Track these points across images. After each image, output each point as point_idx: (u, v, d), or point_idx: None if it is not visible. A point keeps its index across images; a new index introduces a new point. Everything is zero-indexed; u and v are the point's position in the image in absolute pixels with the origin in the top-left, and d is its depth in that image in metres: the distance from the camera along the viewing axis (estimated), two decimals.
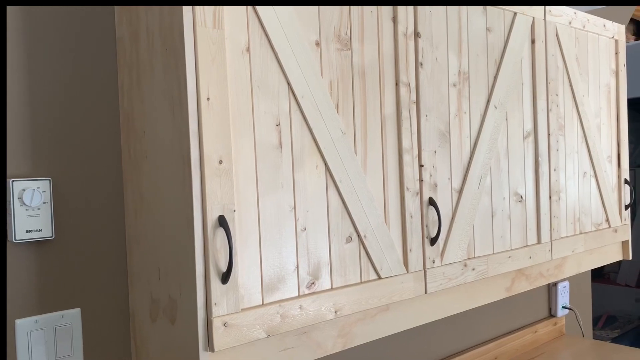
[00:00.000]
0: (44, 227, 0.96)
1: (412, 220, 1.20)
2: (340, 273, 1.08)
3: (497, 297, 1.46)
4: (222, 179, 0.90)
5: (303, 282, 1.02)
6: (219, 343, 0.89)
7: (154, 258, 1.00)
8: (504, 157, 1.43)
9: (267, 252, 0.97)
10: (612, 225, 1.83)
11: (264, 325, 0.95)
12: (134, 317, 1.08)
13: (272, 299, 0.98)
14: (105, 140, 1.07)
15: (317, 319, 1.03)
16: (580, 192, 1.70)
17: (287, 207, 1.00)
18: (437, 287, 1.25)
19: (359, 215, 1.11)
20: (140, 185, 1.03)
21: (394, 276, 1.17)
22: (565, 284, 2.16)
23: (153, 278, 1.00)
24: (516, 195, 1.47)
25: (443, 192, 1.27)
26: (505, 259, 1.42)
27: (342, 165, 1.08)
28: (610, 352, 1.94)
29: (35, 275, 0.98)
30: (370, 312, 1.17)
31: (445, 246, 1.27)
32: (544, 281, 1.61)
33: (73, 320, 1.01)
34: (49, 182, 0.97)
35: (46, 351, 0.98)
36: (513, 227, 1.46)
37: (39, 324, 0.97)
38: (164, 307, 0.97)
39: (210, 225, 0.89)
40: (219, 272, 0.90)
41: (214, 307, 0.89)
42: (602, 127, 1.80)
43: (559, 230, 1.60)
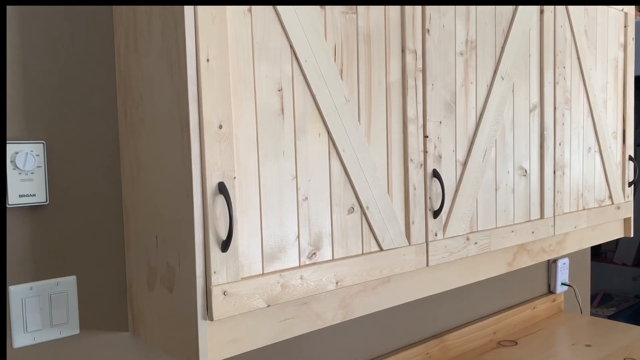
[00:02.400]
0: (38, 192, 0.93)
1: (415, 192, 1.18)
2: (342, 244, 1.06)
3: (499, 271, 1.45)
4: (222, 145, 0.87)
5: (304, 252, 1.00)
6: (218, 312, 0.87)
7: (151, 225, 0.97)
8: (510, 130, 1.40)
9: (267, 221, 0.94)
10: (615, 202, 1.81)
11: (264, 294, 0.93)
12: (131, 286, 1.06)
13: (272, 268, 0.96)
14: (100, 104, 1.03)
15: (318, 290, 1.01)
16: (584, 168, 1.68)
17: (289, 175, 0.97)
18: (438, 260, 1.23)
19: (362, 185, 1.08)
20: (137, 150, 1.00)
21: (395, 248, 1.15)
22: (565, 261, 2.15)
23: (151, 246, 0.98)
24: (520, 169, 1.44)
25: (447, 164, 1.24)
26: (508, 234, 1.40)
27: (346, 133, 1.05)
28: (607, 329, 1.94)
29: (29, 241, 0.96)
30: (371, 283, 1.15)
31: (448, 219, 1.25)
32: (546, 257, 1.60)
33: (68, 288, 0.99)
34: (42, 146, 0.94)
35: (41, 318, 0.96)
36: (516, 202, 1.43)
37: (34, 291, 0.95)
38: (161, 276, 0.95)
39: (210, 192, 0.86)
40: (218, 240, 0.87)
41: (213, 276, 0.87)
42: (608, 102, 1.77)
43: (562, 206, 1.58)
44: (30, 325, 0.95)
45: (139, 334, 1.04)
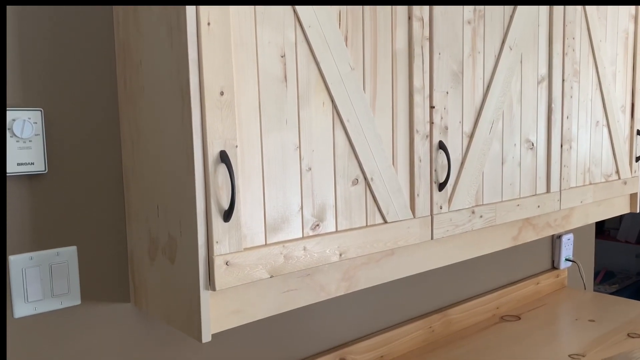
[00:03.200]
0: (36, 161, 0.91)
1: (420, 164, 1.16)
2: (346, 216, 1.04)
3: (504, 245, 1.44)
4: (223, 112, 0.85)
5: (307, 224, 0.99)
6: (221, 282, 0.86)
7: (152, 195, 0.96)
8: (517, 102, 1.38)
9: (270, 191, 0.93)
10: (621, 177, 1.79)
11: (267, 265, 0.92)
12: (132, 256, 1.05)
13: (275, 239, 0.94)
14: (99, 70, 1.01)
15: (321, 261, 1.00)
16: (591, 142, 1.65)
17: (292, 145, 0.95)
18: (443, 234, 1.22)
19: (366, 157, 1.06)
20: (137, 118, 0.98)
21: (400, 221, 1.13)
22: (570, 237, 2.14)
23: (152, 216, 0.96)
24: (527, 142, 1.42)
25: (453, 136, 1.22)
26: (514, 207, 1.38)
27: (350, 103, 1.02)
28: (611, 305, 1.93)
29: (28, 210, 0.94)
30: (375, 256, 1.14)
31: (453, 192, 1.23)
32: (551, 231, 1.59)
33: (69, 258, 0.98)
34: (40, 113, 0.92)
35: (42, 288, 0.95)
36: (523, 175, 1.41)
37: (34, 260, 0.94)
38: (163, 246, 0.94)
39: (211, 161, 0.84)
40: (220, 210, 0.86)
41: (215, 246, 0.85)
42: (617, 75, 1.73)
43: (568, 180, 1.56)
44: (31, 296, 0.94)
45: (141, 304, 1.04)
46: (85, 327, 1.03)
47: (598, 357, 1.51)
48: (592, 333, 1.69)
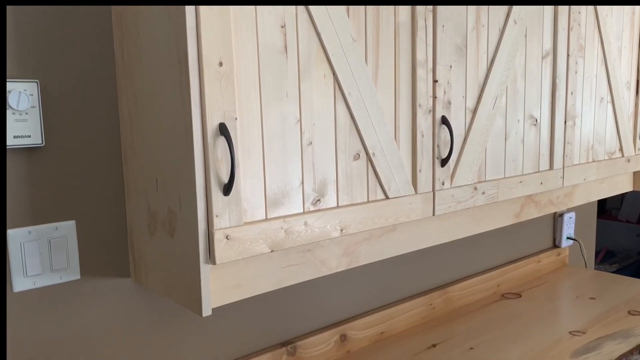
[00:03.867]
0: (33, 133, 0.90)
1: (423, 139, 1.14)
2: (347, 191, 1.03)
3: (506, 222, 1.43)
4: (222, 83, 0.83)
5: (308, 199, 0.97)
6: (221, 256, 0.85)
7: (151, 169, 0.94)
8: (521, 77, 1.36)
9: (270, 165, 0.91)
10: (625, 155, 1.77)
11: (268, 240, 0.91)
12: (132, 231, 1.04)
13: (276, 214, 0.93)
14: (96, 41, 0.99)
15: (322, 237, 0.99)
16: (595, 119, 1.63)
17: (293, 118, 0.94)
18: (445, 210, 1.21)
19: (368, 131, 1.04)
20: (135, 91, 0.96)
21: (401, 197, 1.12)
22: (572, 215, 2.13)
23: (151, 190, 0.95)
24: (531, 118, 1.40)
25: (456, 111, 1.20)
26: (516, 184, 1.37)
27: (352, 76, 1.00)
28: (611, 283, 1.93)
29: (25, 184, 0.93)
30: (376, 232, 1.13)
31: (456, 168, 1.22)
32: (553, 209, 1.58)
33: (68, 233, 0.97)
34: (36, 85, 0.90)
35: (41, 263, 0.94)
36: (526, 152, 1.40)
37: (32, 235, 0.93)
38: (162, 220, 0.93)
39: (211, 133, 0.83)
40: (220, 184, 0.85)
41: (215, 219, 0.84)
42: (623, 50, 1.71)
43: (571, 157, 1.55)
44: (30, 270, 0.93)
45: (141, 279, 1.03)
46: (85, 302, 1.02)
47: (598, 334, 1.52)
48: (592, 310, 1.69)
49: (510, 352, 1.42)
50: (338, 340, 1.43)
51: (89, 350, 1.04)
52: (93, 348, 1.04)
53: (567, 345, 1.45)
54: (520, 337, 1.50)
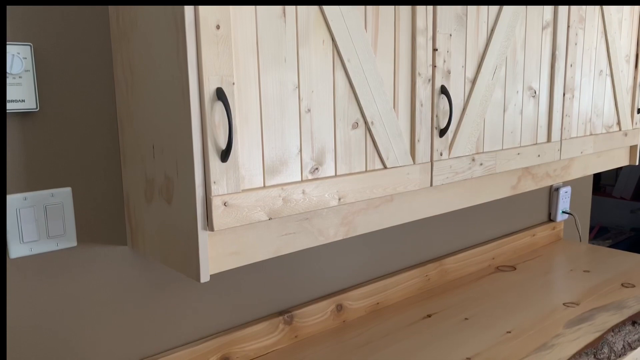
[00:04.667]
0: (27, 98, 0.88)
1: (422, 109, 1.13)
2: (345, 160, 1.03)
3: (503, 194, 1.43)
4: (219, 47, 0.82)
5: (306, 167, 0.97)
6: (219, 222, 0.85)
7: (148, 135, 0.93)
8: (521, 48, 1.34)
9: (268, 132, 0.90)
10: (622, 129, 1.77)
11: (266, 207, 0.91)
12: (128, 198, 1.03)
13: (274, 182, 0.93)
14: (90, 4, 0.97)
15: (320, 205, 0.99)
16: (594, 92, 1.62)
17: (291, 85, 0.92)
18: (443, 181, 1.20)
19: (367, 99, 1.03)
20: (130, 56, 0.94)
21: (400, 167, 1.11)
22: (567, 189, 2.14)
23: (147, 157, 0.94)
24: (530, 89, 1.39)
25: (456, 80, 1.19)
26: (514, 156, 1.37)
27: (351, 42, 0.99)
28: (605, 256, 1.95)
29: (20, 149, 0.92)
30: (374, 202, 1.13)
31: (454, 139, 1.21)
32: (550, 181, 1.58)
33: (64, 200, 0.96)
34: (29, 48, 0.88)
35: (37, 229, 0.94)
36: (524, 124, 1.39)
37: (28, 201, 0.92)
38: (159, 187, 0.92)
39: (208, 99, 0.82)
40: (218, 150, 0.84)
41: (213, 186, 0.84)
42: (623, 22, 1.69)
43: (569, 130, 1.54)
44: (26, 236, 0.93)
45: (138, 247, 1.03)
46: (82, 269, 1.02)
47: (592, 305, 1.53)
48: (586, 283, 1.70)
49: (504, 322, 1.44)
50: (334, 310, 1.44)
51: (86, 317, 1.04)
52: (90, 315, 1.04)
53: (561, 316, 1.47)
54: (515, 309, 1.52)
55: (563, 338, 1.34)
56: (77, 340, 1.04)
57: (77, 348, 1.04)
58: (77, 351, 1.04)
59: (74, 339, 1.03)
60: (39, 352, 0.99)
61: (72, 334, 1.03)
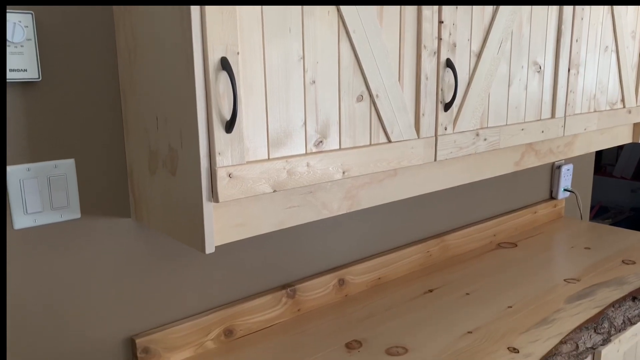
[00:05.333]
0: (30, 67, 0.87)
1: (427, 82, 1.12)
2: (349, 134, 1.02)
3: (506, 170, 1.42)
4: (224, 16, 0.80)
5: (311, 140, 0.96)
6: (224, 194, 0.85)
7: (151, 106, 0.92)
8: (527, 22, 1.32)
9: (273, 103, 0.90)
10: (626, 106, 1.76)
11: (270, 180, 0.90)
12: (132, 170, 1.03)
13: (278, 154, 0.92)
14: None
15: (324, 179, 0.98)
16: (599, 68, 1.61)
17: (296, 55, 0.91)
18: (447, 155, 1.20)
19: (372, 72, 1.02)
20: (133, 26, 0.93)
21: (404, 141, 1.11)
22: (569, 167, 2.14)
23: (151, 128, 0.94)
24: (535, 64, 1.38)
25: (461, 54, 1.18)
26: (518, 132, 1.36)
27: (357, 12, 0.97)
28: (606, 234, 1.95)
29: (23, 119, 0.91)
30: (378, 176, 1.13)
31: (459, 113, 1.21)
32: (553, 158, 1.57)
33: (67, 171, 0.96)
34: (31, 17, 0.87)
35: (41, 201, 0.93)
36: (529, 99, 1.38)
37: (31, 172, 0.92)
38: (163, 158, 0.92)
39: (212, 68, 0.81)
40: (222, 120, 0.83)
41: (217, 157, 0.83)
42: None
43: (573, 106, 1.53)
44: (30, 207, 0.92)
45: (142, 218, 1.03)
46: (86, 241, 1.02)
47: (593, 281, 1.54)
48: (587, 259, 1.71)
49: (505, 297, 1.44)
50: (336, 284, 1.44)
51: (90, 288, 1.04)
52: (93, 286, 1.05)
53: (562, 291, 1.48)
54: (516, 284, 1.53)
55: (564, 313, 1.35)
56: (81, 311, 1.04)
57: (80, 319, 1.04)
58: (80, 323, 1.04)
59: (77, 310, 1.04)
60: (42, 323, 1.00)
61: (76, 305, 1.03)
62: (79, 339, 1.04)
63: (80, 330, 1.04)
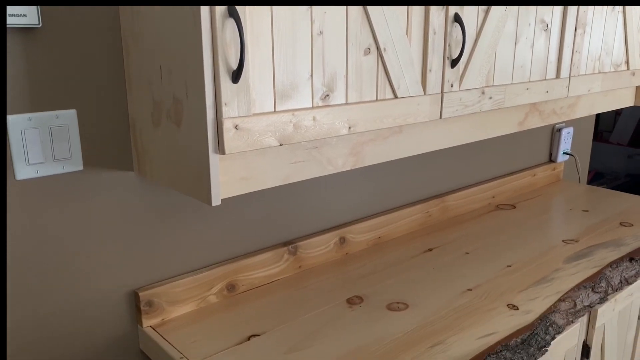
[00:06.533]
0: (29, 13, 0.84)
1: (434, 37, 1.10)
2: (356, 88, 1.00)
3: (510, 130, 1.42)
4: None
5: (317, 93, 0.95)
6: (230, 146, 0.83)
7: (155, 56, 0.90)
8: None
9: (279, 54, 0.88)
10: (630, 68, 1.74)
11: (277, 133, 0.89)
12: (134, 123, 1.01)
13: (284, 107, 0.90)
14: None
15: (331, 133, 0.97)
16: (605, 28, 1.58)
17: (303, 4, 0.89)
18: (452, 113, 1.19)
19: (380, 24, 1.00)
20: None
21: (410, 97, 1.09)
22: (570, 130, 2.13)
23: (155, 78, 0.92)
24: (542, 22, 1.35)
25: (469, 8, 1.15)
26: (523, 91, 1.35)
27: None
28: (604, 197, 1.96)
29: (22, 67, 0.89)
30: (383, 132, 1.11)
31: (465, 70, 1.19)
32: (556, 119, 1.56)
33: (69, 122, 0.94)
34: None
35: (43, 152, 0.92)
36: (534, 58, 1.36)
37: (33, 122, 0.90)
38: (167, 110, 0.90)
39: (219, 15, 0.78)
40: (229, 70, 0.81)
41: (224, 108, 0.82)
42: None
43: (578, 67, 1.51)
44: (32, 158, 0.91)
45: (145, 172, 1.02)
46: (88, 194, 1.01)
47: (591, 242, 1.55)
48: (585, 221, 1.72)
49: (505, 257, 1.46)
50: (337, 242, 1.45)
51: (92, 241, 1.04)
52: (96, 239, 1.04)
53: (561, 252, 1.49)
54: (515, 244, 1.54)
55: (562, 272, 1.37)
56: (83, 265, 1.04)
57: (83, 273, 1.04)
58: (82, 276, 1.04)
59: (79, 263, 1.03)
60: (43, 276, 0.99)
61: (78, 258, 1.03)
62: (81, 293, 1.04)
63: (83, 284, 1.04)
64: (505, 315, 1.17)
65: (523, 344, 1.09)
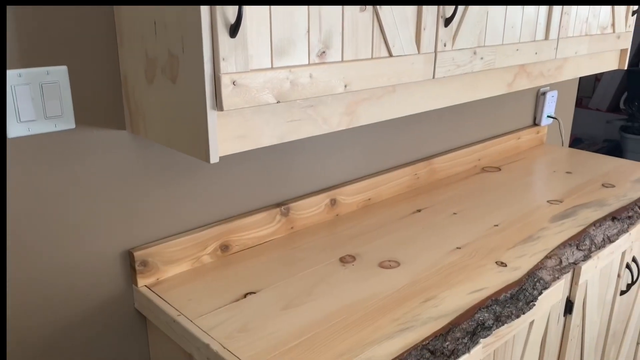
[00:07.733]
0: None
1: None
2: (352, 45, 0.99)
3: (499, 91, 1.42)
4: None
5: (314, 50, 0.94)
6: (228, 102, 0.82)
7: (148, 11, 0.88)
8: None
9: (276, 7, 0.86)
10: (616, 31, 1.76)
11: (274, 90, 0.88)
12: (126, 80, 0.99)
13: (281, 63, 0.89)
14: None
15: (327, 91, 0.97)
16: None
17: None
18: (445, 73, 1.19)
19: None
20: None
21: (405, 55, 1.09)
22: (554, 94, 2.15)
23: (148, 34, 0.89)
24: None
25: None
26: (513, 52, 1.35)
27: None
28: (587, 159, 2.00)
29: (11, 22, 0.86)
30: (377, 92, 1.11)
31: (458, 29, 1.18)
32: (543, 81, 1.58)
33: (60, 79, 0.92)
34: None
35: (34, 109, 0.90)
36: (524, 19, 1.36)
37: (23, 78, 0.88)
38: (162, 65, 0.88)
39: None
40: (226, 24, 0.80)
41: (222, 63, 0.80)
42: None
43: (567, 29, 1.52)
44: (23, 115, 0.89)
45: (139, 130, 1.00)
46: (81, 152, 0.99)
47: (574, 202, 1.59)
48: (569, 182, 1.76)
49: (492, 217, 1.48)
50: (328, 204, 1.46)
51: (85, 200, 1.03)
52: (89, 199, 1.03)
53: (546, 212, 1.52)
54: (501, 205, 1.57)
55: (548, 231, 1.40)
56: (77, 224, 1.03)
57: (77, 233, 1.03)
58: (76, 236, 1.03)
59: (73, 223, 1.02)
60: (37, 236, 0.98)
61: (72, 218, 1.02)
62: (75, 252, 1.04)
63: (77, 244, 1.04)
64: (494, 272, 1.20)
65: (512, 298, 1.12)
